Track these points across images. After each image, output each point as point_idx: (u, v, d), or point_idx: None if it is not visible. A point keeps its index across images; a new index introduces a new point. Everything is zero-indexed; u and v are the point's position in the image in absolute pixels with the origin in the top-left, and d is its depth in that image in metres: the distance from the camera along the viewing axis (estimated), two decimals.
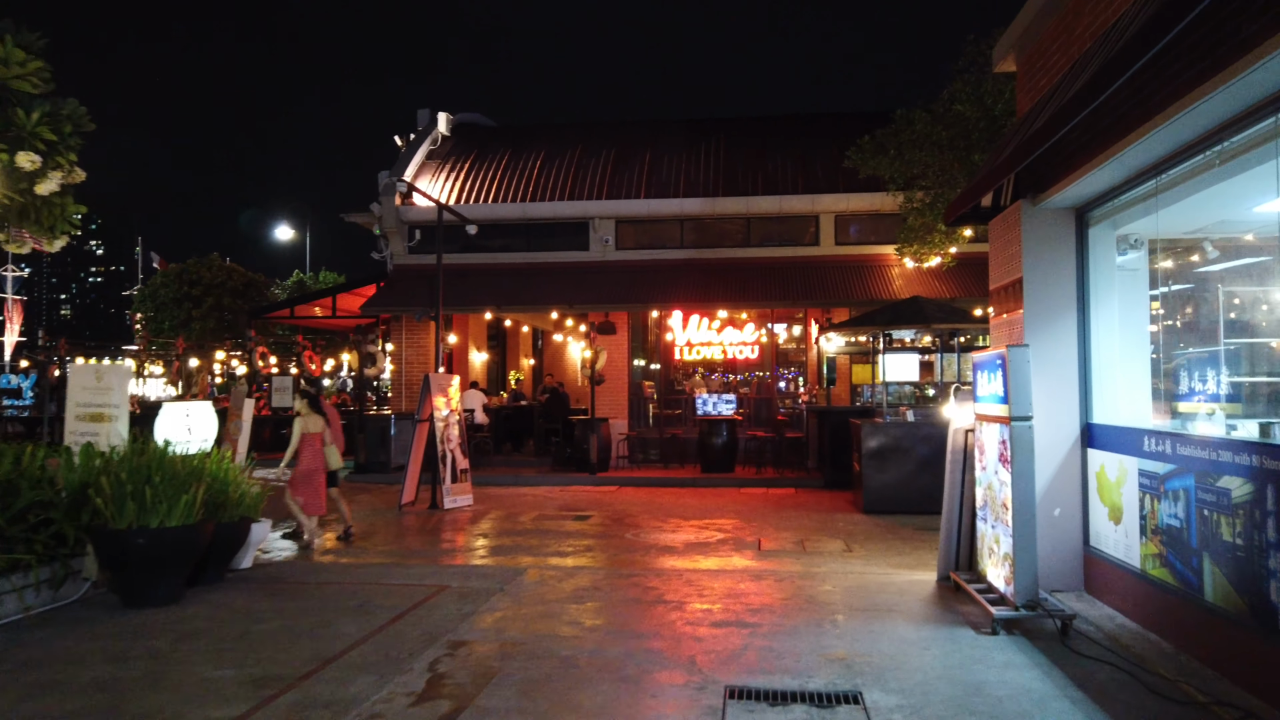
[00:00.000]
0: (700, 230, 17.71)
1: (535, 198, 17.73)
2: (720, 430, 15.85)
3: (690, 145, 18.80)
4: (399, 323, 17.60)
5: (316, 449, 9.34)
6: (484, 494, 13.67)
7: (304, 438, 9.20)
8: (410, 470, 12.38)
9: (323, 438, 9.44)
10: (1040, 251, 6.84)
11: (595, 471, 15.54)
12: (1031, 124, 6.40)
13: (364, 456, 15.93)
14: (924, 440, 11.48)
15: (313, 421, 9.35)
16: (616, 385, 17.12)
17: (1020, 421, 5.89)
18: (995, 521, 6.29)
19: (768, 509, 12.01)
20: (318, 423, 9.41)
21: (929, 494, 11.40)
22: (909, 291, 15.45)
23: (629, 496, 13.48)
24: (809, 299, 15.73)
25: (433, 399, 12.34)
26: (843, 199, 16.72)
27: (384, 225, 17.43)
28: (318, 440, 9.38)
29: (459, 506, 12.25)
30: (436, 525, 10.86)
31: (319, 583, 7.49)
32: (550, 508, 12.25)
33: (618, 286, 16.73)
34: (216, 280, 29.23)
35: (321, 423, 9.45)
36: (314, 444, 9.32)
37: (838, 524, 10.62)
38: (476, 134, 20.60)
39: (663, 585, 7.30)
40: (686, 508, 12.19)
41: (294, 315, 18.95)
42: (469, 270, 17.85)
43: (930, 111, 11.50)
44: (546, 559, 8.54)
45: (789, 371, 18.63)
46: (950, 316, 11.49)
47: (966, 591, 6.56)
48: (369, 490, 14.36)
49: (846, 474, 13.76)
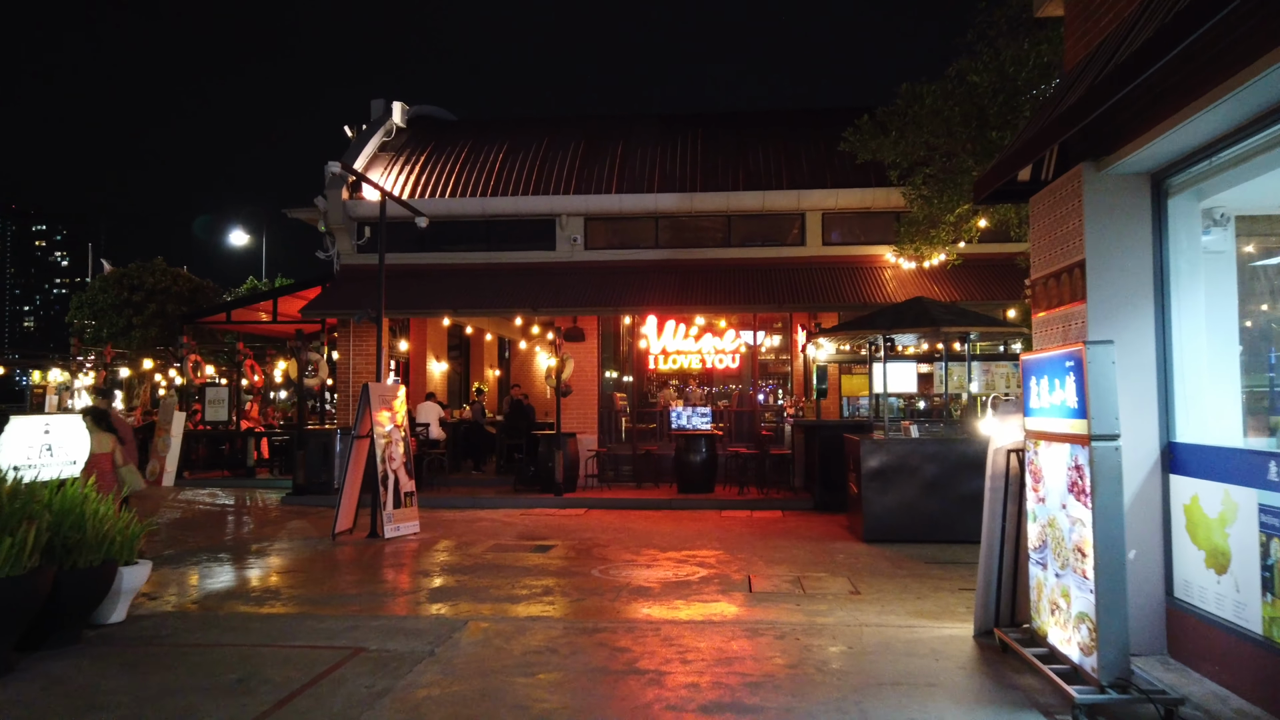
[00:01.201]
0: (677, 228, 16.33)
1: (497, 192, 16.24)
2: (699, 446, 14.42)
3: (666, 138, 17.44)
4: (346, 328, 16.02)
5: (106, 471, 7.66)
6: (435, 519, 12.12)
7: (92, 459, 7.46)
8: (346, 494, 10.80)
9: (113, 458, 7.80)
10: (1108, 228, 5.49)
11: (561, 492, 14.04)
12: (1100, 68, 5.07)
13: (303, 477, 14.30)
14: (931, 459, 10.13)
15: (100, 440, 7.68)
16: (585, 397, 15.65)
17: (1104, 442, 4.51)
18: (1063, 570, 4.90)
19: (754, 536, 10.59)
20: (106, 442, 7.75)
21: (937, 520, 10.06)
22: (904, 295, 14.13)
23: (598, 521, 12.00)
24: (795, 303, 14.36)
25: (373, 413, 10.79)
26: (831, 195, 15.41)
27: (329, 221, 15.85)
28: (107, 461, 7.71)
29: (402, 535, 10.70)
30: (371, 560, 9.30)
31: (201, 644, 5.94)
32: (508, 535, 10.74)
33: (587, 289, 15.29)
34: (160, 286, 27.28)
35: (112, 441, 7.80)
36: (103, 466, 7.65)
37: (836, 556, 9.21)
38: (434, 127, 19.11)
39: (636, 645, 5.82)
40: (663, 535, 10.73)
41: (230, 320, 17.30)
42: (424, 271, 16.32)
43: (940, 85, 10.19)
44: (495, 607, 7.03)
45: (766, 384, 17.25)
46: (961, 319, 10.17)
47: (1021, 657, 5.16)
48: (306, 515, 12.75)
49: (840, 495, 12.39)
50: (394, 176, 16.94)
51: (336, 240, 16.38)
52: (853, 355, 13.48)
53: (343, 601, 7.28)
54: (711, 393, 17.49)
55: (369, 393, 10.83)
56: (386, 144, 18.04)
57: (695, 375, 16.72)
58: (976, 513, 10.32)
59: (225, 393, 16.89)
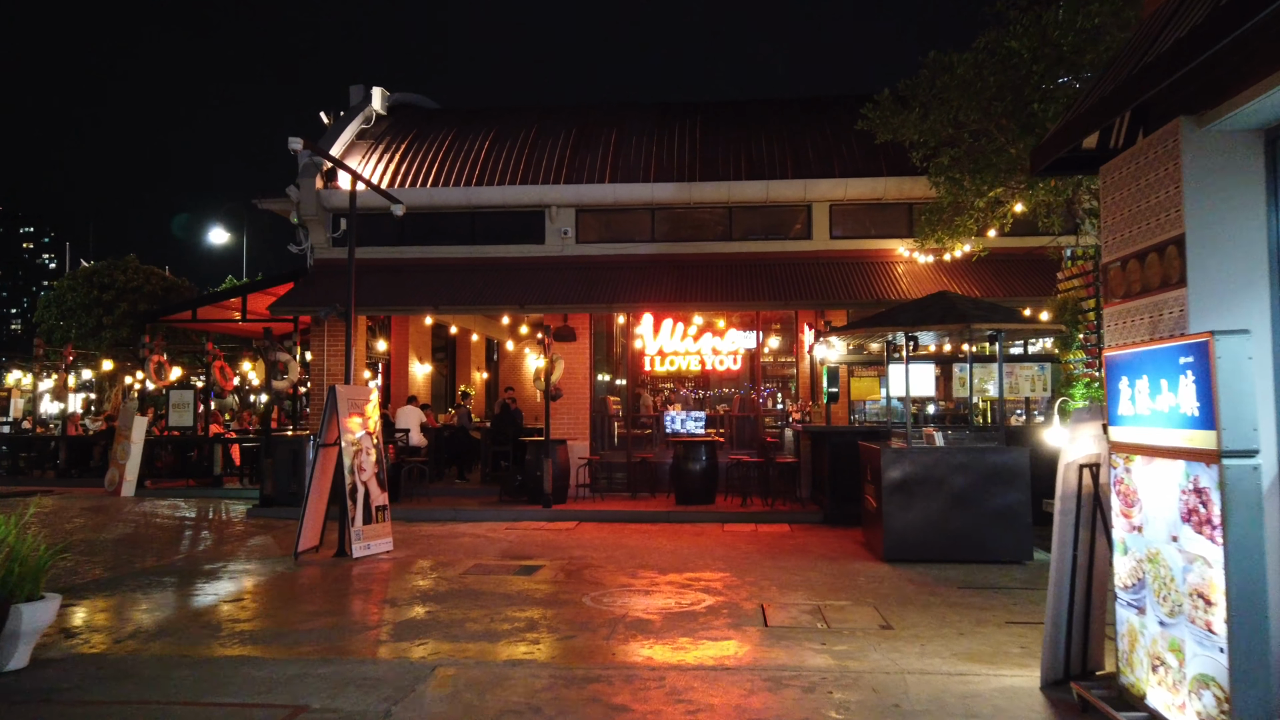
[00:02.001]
0: (674, 221, 15.33)
1: (483, 181, 15.20)
2: (698, 454, 13.42)
3: (663, 126, 16.44)
4: (320, 327, 14.97)
5: None
6: (412, 534, 11.09)
7: None
8: (311, 508, 9.76)
9: None
10: (1213, 195, 4.51)
11: (550, 504, 13.02)
12: (1201, 5, 4.11)
13: (271, 487, 13.24)
14: (959, 470, 9.16)
15: None
16: (577, 401, 14.63)
17: (1239, 459, 3.53)
18: (1172, 617, 3.92)
19: (762, 554, 9.60)
20: None
21: (965, 538, 9.09)
22: (919, 292, 13.18)
23: (590, 536, 10.99)
24: (803, 299, 13.37)
25: (342, 418, 9.76)
26: (840, 185, 14.43)
27: (303, 212, 14.79)
28: None
29: (373, 554, 9.66)
30: (334, 584, 8.26)
31: (104, 701, 4.89)
32: (491, 554, 9.72)
33: (578, 285, 14.28)
34: (131, 284, 26.19)
35: None
36: None
37: (858, 579, 8.22)
38: (417, 115, 18.06)
39: (637, 703, 4.81)
40: (661, 553, 9.73)
41: (196, 319, 16.20)
42: (404, 266, 15.27)
43: (972, 55, 9.20)
44: (470, 647, 6.01)
45: (768, 387, 16.25)
46: (993, 315, 9.19)
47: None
48: (271, 530, 11.69)
49: (852, 508, 11.43)
50: (373, 164, 15.90)
51: (310, 233, 15.33)
52: (867, 356, 12.49)
53: (293, 640, 6.23)
54: (709, 396, 16.50)
55: (336, 396, 9.81)
56: (365, 131, 16.99)
57: (693, 378, 15.74)
58: (1009, 530, 9.40)
59: (190, 396, 15.79)
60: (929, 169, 10.36)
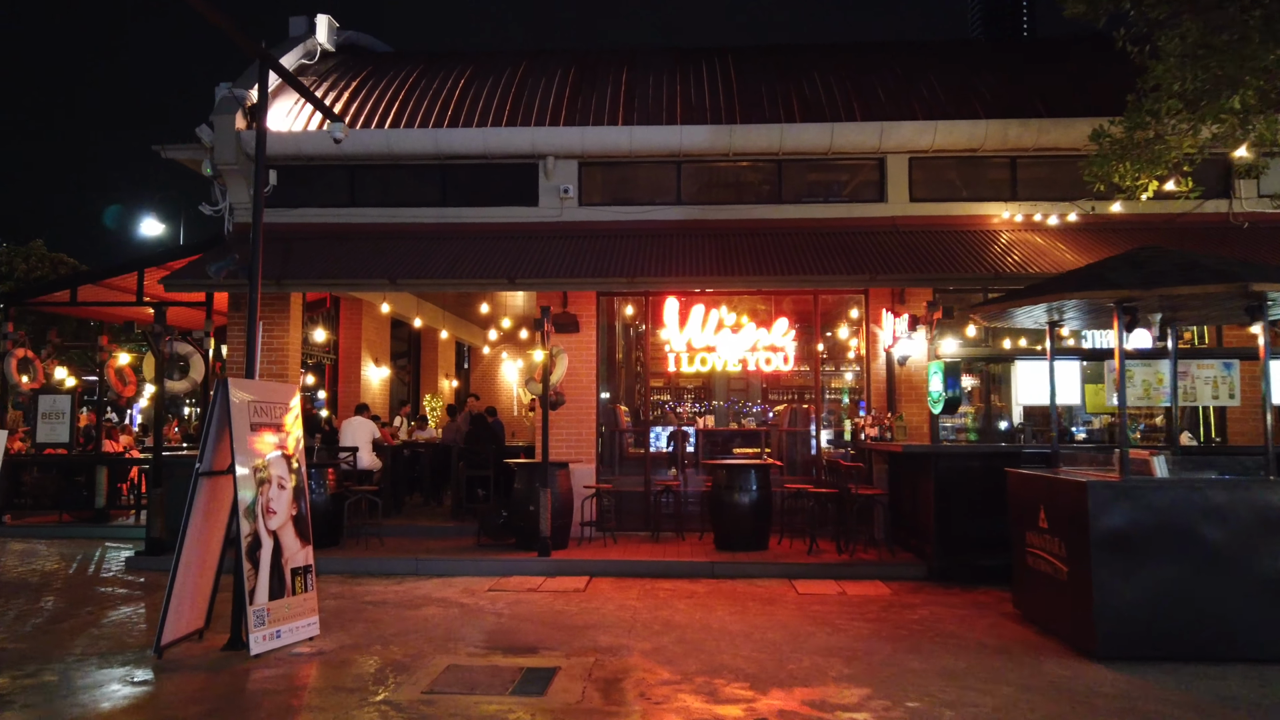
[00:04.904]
0: (706, 177, 11.91)
1: (456, 123, 11.68)
2: (746, 482, 10.00)
3: (685, 66, 13.05)
4: (239, 312, 11.30)
5: None
6: (354, 601, 7.53)
7: None
8: (186, 570, 6.13)
9: None
10: None
11: (549, 549, 9.51)
12: None
13: (161, 527, 9.54)
14: (1212, 517, 5.85)
15: None
16: (580, 410, 11.14)
17: None
18: None
19: (889, 642, 6.21)
20: None
21: (1230, 623, 5.77)
22: (1035, 269, 9.93)
23: (614, 605, 7.51)
24: (891, 273, 9.97)
25: (239, 432, 6.19)
26: (926, 129, 11.08)
27: (218, 160, 11.14)
28: None
29: (285, 647, 6.09)
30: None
31: None
32: (471, 641, 6.21)
33: (582, 258, 10.80)
34: (35, 274, 22.32)
35: None
36: None
37: (1076, 699, 4.84)
38: (370, 57, 14.50)
39: None
40: (733, 638, 6.29)
41: (76, 301, 12.44)
42: (353, 232, 11.70)
43: None
44: None
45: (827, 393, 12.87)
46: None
47: None
48: (151, 592, 8.07)
49: (975, 558, 8.18)
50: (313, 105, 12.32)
51: (230, 189, 11.69)
52: (991, 351, 9.15)
53: None
54: (751, 407, 13.11)
55: (230, 396, 6.22)
56: (307, 67, 13.41)
57: (731, 381, 12.36)
58: None
59: (67, 403, 12.00)
60: (1158, 43, 7.08)
